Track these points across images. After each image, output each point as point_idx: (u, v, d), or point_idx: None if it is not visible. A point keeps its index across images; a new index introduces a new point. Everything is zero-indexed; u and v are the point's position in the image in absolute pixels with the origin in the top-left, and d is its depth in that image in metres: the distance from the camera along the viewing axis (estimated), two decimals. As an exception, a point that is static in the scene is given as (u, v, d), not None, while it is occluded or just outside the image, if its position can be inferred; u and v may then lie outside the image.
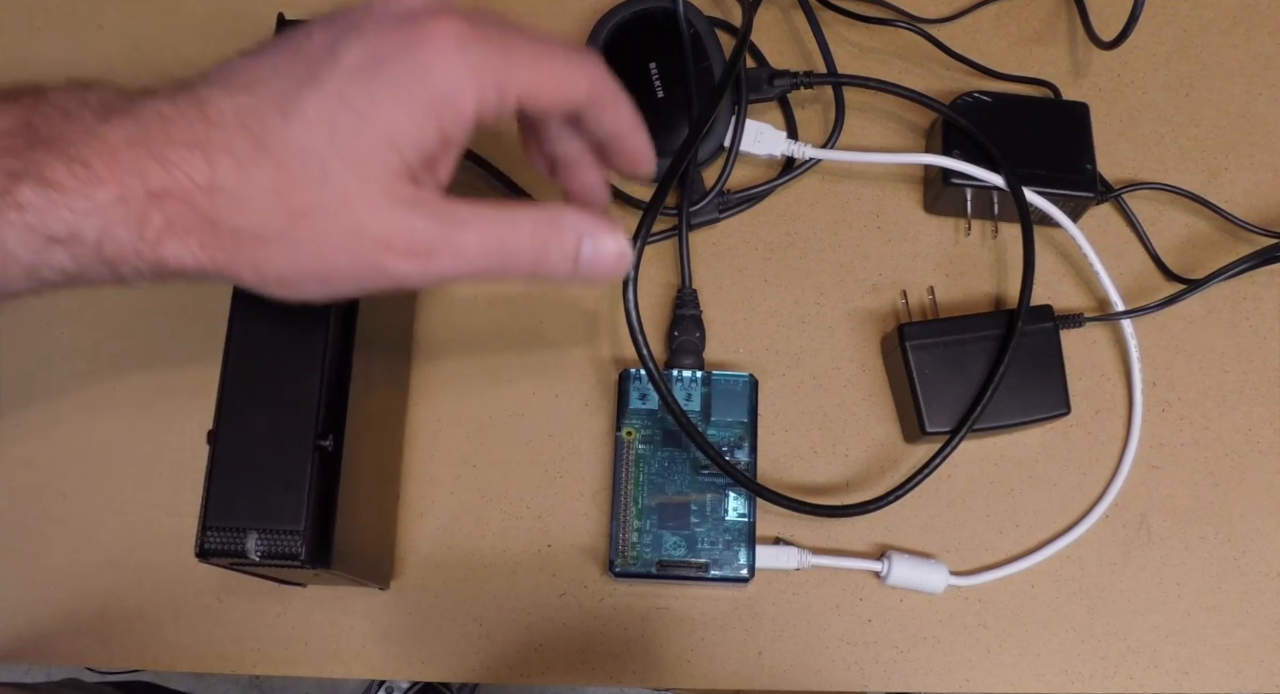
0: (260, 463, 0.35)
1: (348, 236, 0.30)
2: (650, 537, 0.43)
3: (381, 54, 0.30)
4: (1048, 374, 0.45)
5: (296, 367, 0.34)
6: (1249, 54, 0.54)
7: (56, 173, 0.28)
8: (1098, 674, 0.44)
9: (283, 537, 0.35)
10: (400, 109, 0.30)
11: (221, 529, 0.35)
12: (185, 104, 0.29)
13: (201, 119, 0.29)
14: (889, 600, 0.45)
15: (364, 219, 0.30)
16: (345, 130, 0.29)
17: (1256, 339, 0.49)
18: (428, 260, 0.31)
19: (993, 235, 0.50)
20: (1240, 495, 0.47)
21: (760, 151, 0.49)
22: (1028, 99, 0.51)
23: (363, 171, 0.30)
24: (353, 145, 0.29)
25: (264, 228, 0.30)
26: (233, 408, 0.36)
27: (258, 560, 0.35)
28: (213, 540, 0.35)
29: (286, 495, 0.35)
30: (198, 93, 0.30)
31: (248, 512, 0.35)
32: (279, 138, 0.29)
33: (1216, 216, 0.50)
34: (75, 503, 0.45)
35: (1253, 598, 0.45)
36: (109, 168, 0.28)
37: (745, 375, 0.45)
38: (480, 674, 0.44)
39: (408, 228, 0.30)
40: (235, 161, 0.29)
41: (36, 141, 0.28)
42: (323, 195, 0.29)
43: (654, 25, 0.50)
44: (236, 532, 0.35)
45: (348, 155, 0.29)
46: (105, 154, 0.28)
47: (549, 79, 0.32)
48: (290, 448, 0.36)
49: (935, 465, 0.43)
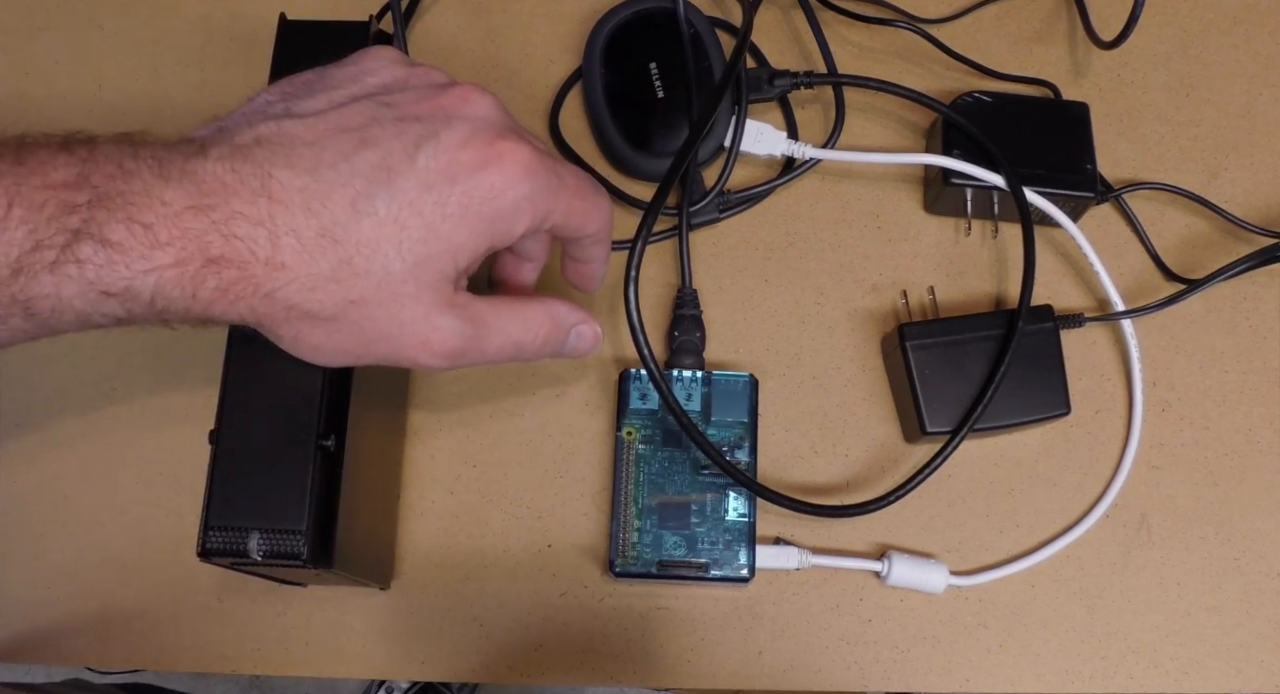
0: (262, 463, 0.35)
1: (393, 329, 0.32)
2: (650, 537, 0.43)
3: (457, 169, 0.32)
4: (1048, 374, 0.45)
5: (298, 366, 0.34)
6: (1249, 54, 0.54)
7: (117, 232, 0.28)
8: (1098, 674, 0.44)
9: (285, 537, 0.35)
10: (466, 225, 0.32)
11: (224, 529, 0.35)
12: (247, 174, 0.30)
13: (265, 194, 0.30)
14: (889, 600, 0.45)
15: (413, 317, 0.32)
16: (413, 235, 0.31)
17: (1256, 339, 0.49)
18: (455, 360, 0.34)
19: (993, 235, 0.50)
20: (1240, 495, 0.47)
21: (760, 151, 0.50)
22: (1028, 99, 0.51)
23: (420, 275, 0.32)
24: (417, 250, 0.31)
25: (317, 309, 0.31)
26: (234, 408, 0.36)
27: (259, 560, 0.35)
28: (215, 540, 0.35)
29: (288, 495, 0.35)
30: (259, 161, 0.30)
31: (250, 512, 0.35)
32: (347, 231, 0.31)
33: (1216, 216, 0.50)
34: (75, 503, 0.45)
35: (1253, 598, 0.45)
36: (169, 232, 0.29)
37: (745, 375, 0.45)
38: (480, 674, 0.44)
39: (446, 331, 0.33)
40: (299, 244, 0.30)
41: (97, 199, 0.28)
42: (380, 290, 0.31)
43: (654, 25, 0.50)
44: (239, 531, 0.35)
45: (411, 258, 0.31)
46: (167, 218, 0.29)
47: (579, 216, 0.36)
48: (292, 448, 0.36)
49: (935, 466, 0.43)
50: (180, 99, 0.52)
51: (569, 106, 0.52)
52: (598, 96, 0.50)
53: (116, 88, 0.52)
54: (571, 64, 0.52)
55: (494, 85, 0.52)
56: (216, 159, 0.30)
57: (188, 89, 0.52)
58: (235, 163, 0.30)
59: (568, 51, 0.53)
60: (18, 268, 0.28)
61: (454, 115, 0.33)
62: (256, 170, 0.30)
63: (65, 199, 0.28)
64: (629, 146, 0.49)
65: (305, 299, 0.31)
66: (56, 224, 0.28)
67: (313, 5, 0.52)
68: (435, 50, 0.53)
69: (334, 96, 0.33)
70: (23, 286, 0.28)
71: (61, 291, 0.29)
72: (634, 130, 0.49)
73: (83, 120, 0.51)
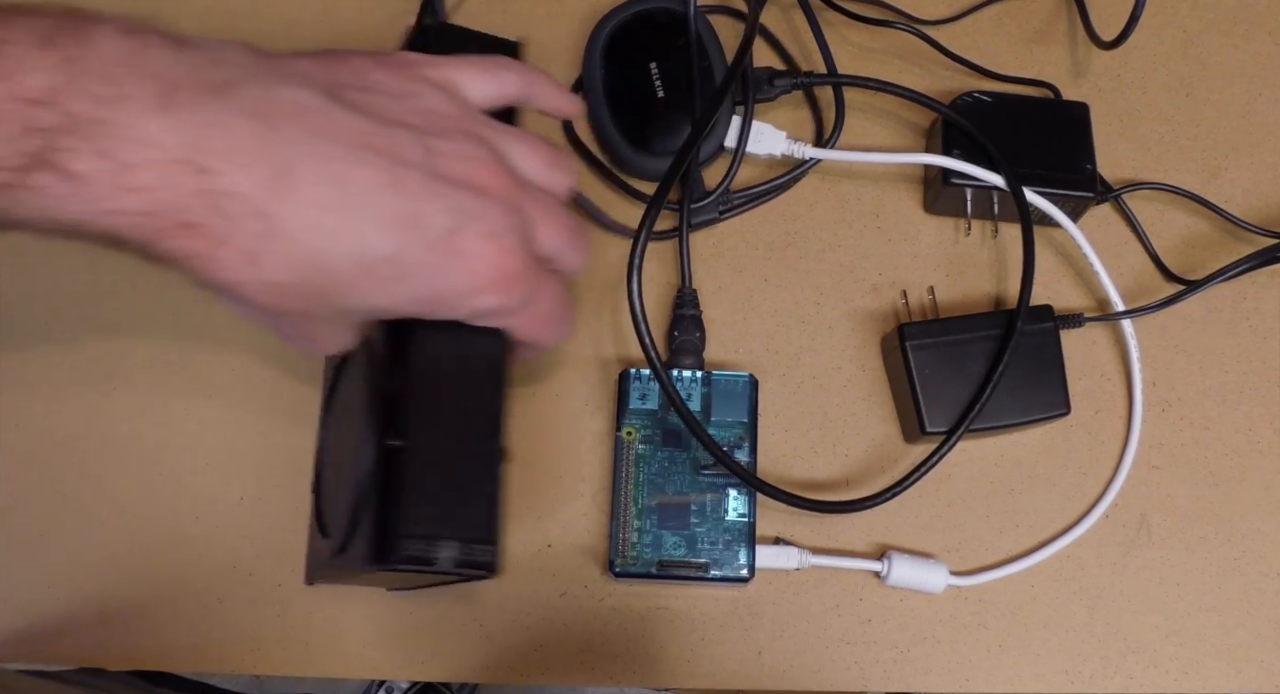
0: (449, 471, 0.34)
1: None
2: (650, 537, 0.43)
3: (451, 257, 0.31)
4: (1048, 374, 0.45)
5: (476, 372, 0.34)
6: (1249, 54, 0.54)
7: (84, 164, 0.25)
8: (1098, 674, 0.44)
9: (476, 547, 0.34)
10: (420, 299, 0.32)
11: (417, 537, 0.33)
12: (273, 150, 0.27)
13: (275, 184, 0.27)
14: (889, 600, 0.45)
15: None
16: (382, 278, 0.30)
17: (1256, 339, 0.49)
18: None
19: (993, 235, 0.50)
20: (1240, 495, 0.47)
21: (760, 151, 0.49)
22: (1028, 99, 0.51)
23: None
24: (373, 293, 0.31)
25: (258, 309, 0.30)
26: (419, 414, 0.34)
27: (448, 570, 0.33)
28: (409, 548, 0.33)
29: (477, 504, 0.34)
30: (287, 139, 0.28)
31: (441, 521, 0.33)
32: (332, 266, 0.29)
33: (1216, 216, 0.50)
34: (75, 503, 0.45)
35: (1253, 598, 0.45)
36: (148, 178, 0.26)
37: (745, 375, 0.45)
38: (480, 674, 0.44)
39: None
40: (285, 258, 0.28)
41: (71, 123, 0.25)
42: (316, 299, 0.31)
43: (654, 25, 0.50)
44: (430, 541, 0.33)
45: (353, 294, 0.31)
46: (152, 164, 0.26)
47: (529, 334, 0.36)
48: (476, 455, 0.35)
49: (933, 463, 0.43)
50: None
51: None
52: (598, 96, 0.50)
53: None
54: (571, 64, 0.52)
55: (494, 85, 0.52)
56: (244, 114, 0.27)
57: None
58: (263, 128, 0.27)
59: (567, 51, 0.53)
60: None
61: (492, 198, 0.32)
62: (281, 152, 0.27)
63: (32, 118, 0.24)
64: (629, 146, 0.49)
65: (253, 295, 0.29)
66: (16, 145, 0.24)
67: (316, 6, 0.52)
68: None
69: (379, 106, 0.31)
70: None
71: (14, 213, 0.26)
72: (634, 130, 0.49)
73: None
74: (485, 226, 0.31)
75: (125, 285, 0.48)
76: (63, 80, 0.25)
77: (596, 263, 0.49)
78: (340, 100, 0.30)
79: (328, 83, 0.30)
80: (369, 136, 0.30)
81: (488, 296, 0.32)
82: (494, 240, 0.31)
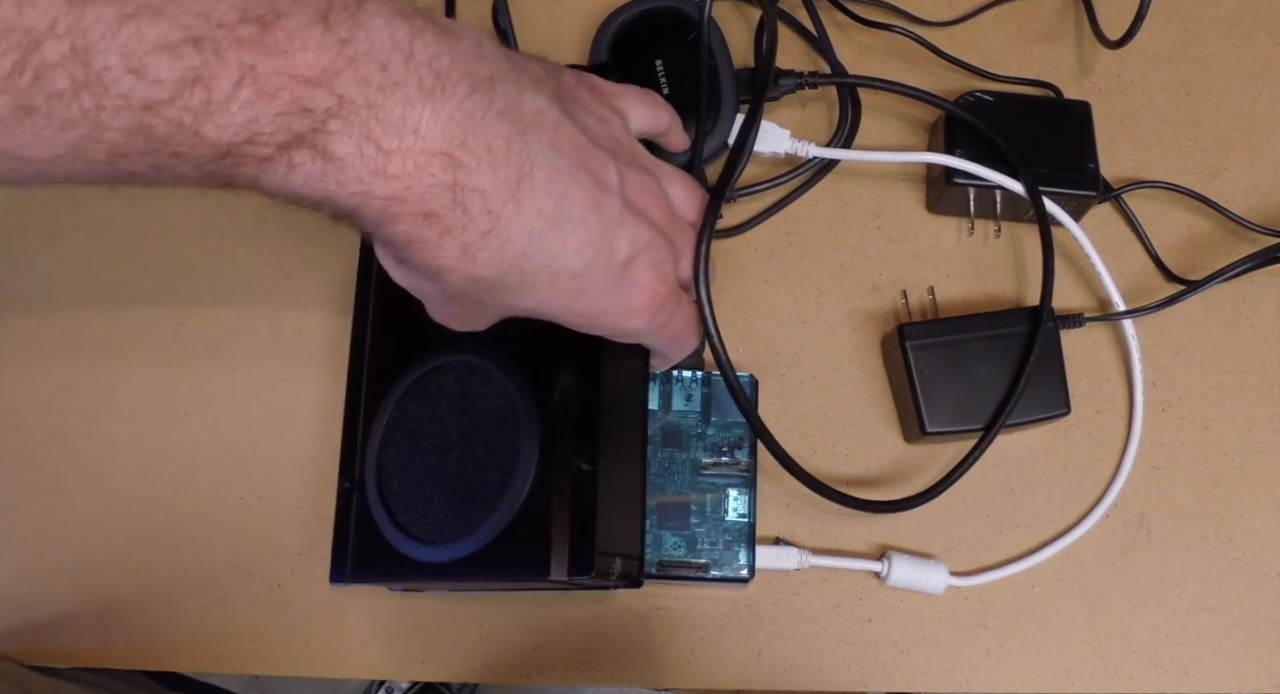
0: (617, 492, 0.38)
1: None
2: (650, 537, 0.43)
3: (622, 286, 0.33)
4: (1048, 374, 0.45)
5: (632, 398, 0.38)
6: (1249, 54, 0.54)
7: (346, 147, 0.25)
8: (1098, 674, 0.44)
9: (631, 562, 0.38)
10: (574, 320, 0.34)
11: (605, 554, 0.36)
12: (516, 155, 0.28)
13: (514, 189, 0.28)
14: (889, 600, 0.45)
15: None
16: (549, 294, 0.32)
17: (1256, 339, 0.49)
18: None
19: (995, 235, 0.50)
20: (1240, 495, 0.47)
21: (764, 149, 0.49)
22: (1030, 98, 0.51)
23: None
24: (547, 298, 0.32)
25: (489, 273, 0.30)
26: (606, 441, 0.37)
27: (607, 582, 0.37)
28: (600, 564, 0.36)
29: (633, 524, 0.39)
30: (530, 148, 0.29)
31: (613, 539, 0.37)
32: (529, 282, 0.31)
33: (1217, 216, 0.50)
34: (75, 503, 0.45)
35: (1253, 598, 0.45)
36: (405, 167, 0.26)
37: (746, 376, 0.45)
38: (480, 674, 0.44)
39: None
40: (498, 256, 0.29)
41: (339, 107, 0.25)
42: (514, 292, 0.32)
43: (660, 24, 0.50)
44: (609, 557, 0.36)
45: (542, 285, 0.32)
46: (412, 153, 0.26)
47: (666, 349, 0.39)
48: (634, 478, 0.39)
49: (975, 459, 0.44)
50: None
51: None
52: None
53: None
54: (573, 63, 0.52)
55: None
56: (500, 114, 0.28)
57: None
58: (514, 131, 0.28)
59: (569, 52, 0.53)
60: (226, 151, 0.25)
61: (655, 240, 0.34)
62: (525, 157, 0.28)
63: (302, 97, 0.24)
64: None
65: (453, 282, 0.30)
66: (282, 122, 0.24)
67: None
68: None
69: (590, 127, 0.33)
70: (227, 167, 0.25)
71: (261, 181, 0.26)
72: None
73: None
74: (652, 257, 0.34)
75: (126, 285, 0.48)
76: (338, 62, 0.25)
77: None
78: (568, 114, 0.31)
79: (556, 93, 0.32)
80: (586, 155, 0.31)
81: (640, 319, 0.35)
82: (655, 269, 0.34)
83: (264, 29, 0.24)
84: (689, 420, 0.44)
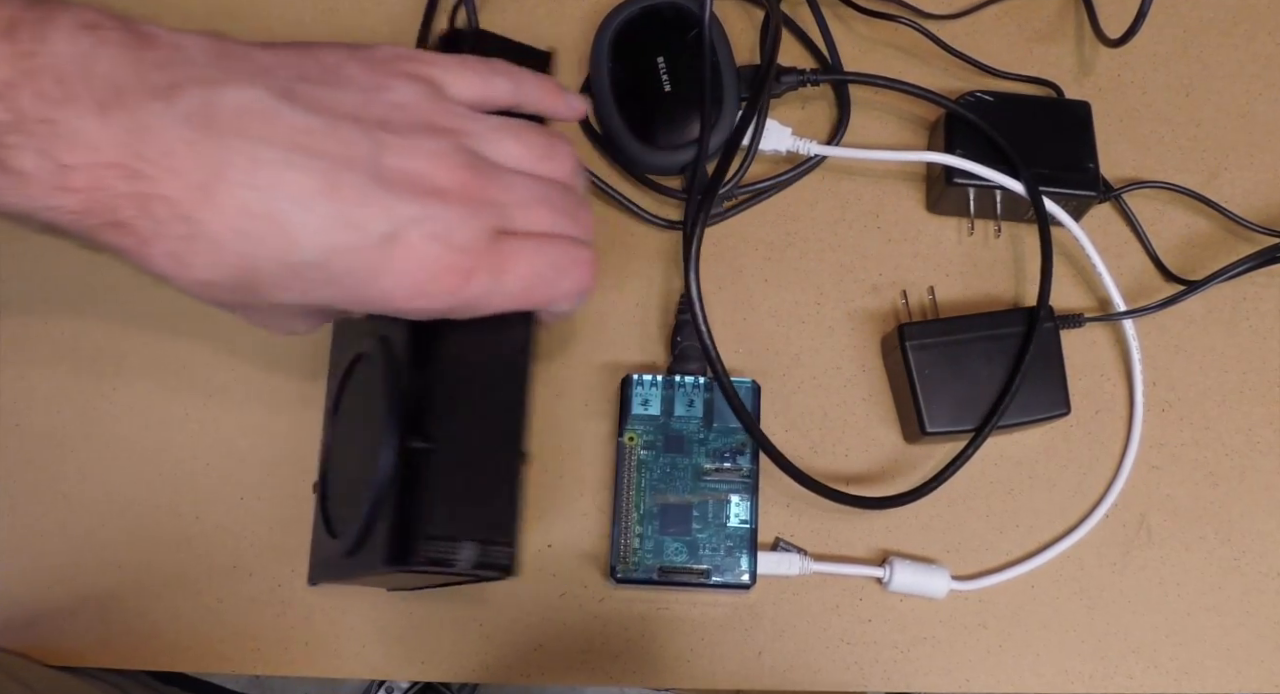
0: (470, 472, 0.35)
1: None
2: (652, 542, 0.43)
3: (386, 274, 0.31)
4: (1048, 374, 0.45)
5: (499, 374, 0.35)
6: (1249, 54, 0.54)
7: (26, 162, 0.26)
8: (1098, 674, 0.44)
9: (493, 548, 0.34)
10: (341, 299, 0.32)
11: (438, 539, 0.33)
12: (205, 156, 0.28)
13: (204, 187, 0.28)
14: (889, 600, 0.45)
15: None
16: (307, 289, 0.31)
17: (1256, 339, 0.49)
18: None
19: (995, 235, 0.50)
20: (1240, 495, 0.47)
21: (765, 147, 0.49)
22: (1030, 98, 0.51)
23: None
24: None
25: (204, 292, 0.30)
26: (444, 417, 0.35)
27: (465, 572, 0.34)
28: (429, 549, 0.33)
29: (497, 506, 0.35)
30: (223, 144, 0.28)
31: (461, 522, 0.34)
32: (259, 280, 0.30)
33: (1217, 216, 0.50)
34: (75, 503, 0.45)
35: (1253, 598, 0.45)
36: (84, 180, 0.26)
37: (748, 381, 0.45)
38: (480, 674, 0.44)
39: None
40: (211, 258, 0.29)
41: (17, 120, 0.25)
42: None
43: (661, 20, 0.50)
44: (450, 542, 0.34)
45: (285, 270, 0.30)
46: (88, 166, 0.26)
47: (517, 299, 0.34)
48: (497, 457, 0.35)
49: (968, 457, 0.44)
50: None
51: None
52: (605, 91, 0.50)
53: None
54: (572, 63, 0.52)
55: (494, 85, 0.52)
56: (183, 119, 0.27)
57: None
58: (198, 134, 0.27)
59: (569, 51, 0.53)
60: None
61: (437, 212, 0.31)
62: (214, 158, 0.27)
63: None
64: (636, 141, 0.49)
65: (186, 288, 0.30)
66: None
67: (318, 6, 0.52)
68: (435, 50, 0.53)
69: (338, 102, 0.31)
70: None
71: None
72: (641, 124, 0.49)
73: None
74: (430, 228, 0.31)
75: (126, 285, 0.48)
76: (17, 76, 0.25)
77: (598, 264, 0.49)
78: (293, 98, 0.30)
79: (287, 78, 0.30)
80: (312, 137, 0.29)
81: (434, 298, 0.32)
82: (439, 239, 0.31)
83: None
84: (691, 426, 0.44)
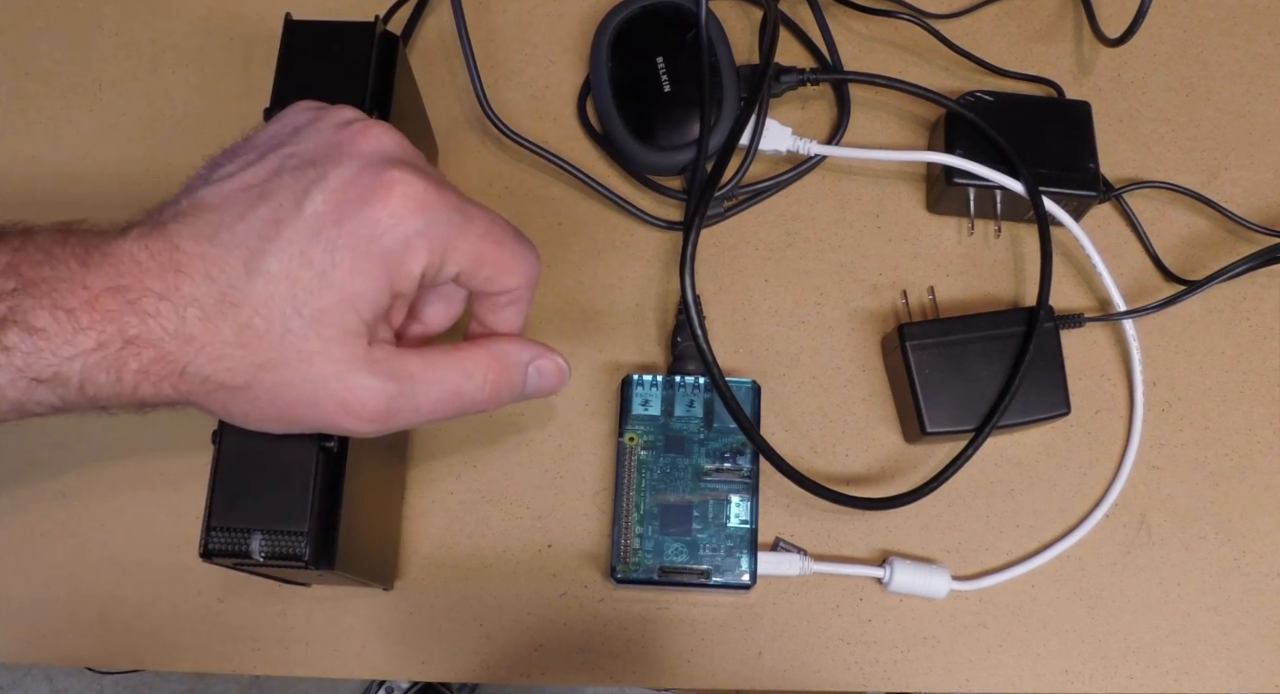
0: (265, 464, 0.35)
1: (308, 391, 0.31)
2: (652, 543, 0.43)
3: (343, 209, 0.30)
4: (1048, 374, 0.45)
5: None
6: (1249, 54, 0.54)
7: (41, 318, 0.28)
8: (1098, 674, 0.44)
9: (287, 538, 0.35)
10: (359, 271, 0.30)
11: (226, 530, 0.35)
12: (159, 248, 0.30)
13: (172, 267, 0.30)
14: (889, 600, 0.45)
15: (324, 376, 0.31)
16: (305, 287, 0.30)
17: (1256, 339, 0.49)
18: (385, 421, 0.32)
19: (995, 235, 0.50)
20: (1240, 495, 0.47)
21: (765, 147, 0.49)
22: (1030, 98, 0.51)
23: (321, 330, 0.30)
24: (312, 303, 0.30)
25: (229, 378, 0.30)
26: None
27: (261, 561, 0.35)
28: (217, 541, 0.35)
29: (291, 496, 0.35)
30: (170, 235, 0.30)
31: (252, 512, 0.35)
32: (243, 293, 0.30)
33: (1217, 216, 0.50)
34: (75, 503, 0.45)
35: (1253, 598, 0.45)
36: (90, 316, 0.29)
37: (748, 381, 0.45)
38: (480, 674, 0.44)
39: (365, 391, 0.31)
40: (202, 313, 0.29)
41: (22, 286, 0.29)
42: (283, 351, 0.30)
43: (660, 20, 0.50)
44: (241, 532, 0.35)
45: (307, 312, 0.30)
46: (88, 303, 0.29)
47: (491, 263, 0.33)
48: (295, 449, 0.36)
49: (968, 456, 0.44)
50: (180, 99, 0.52)
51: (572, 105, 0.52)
52: (605, 91, 0.50)
53: (116, 88, 0.52)
54: (571, 63, 0.52)
55: (495, 85, 0.52)
56: (135, 238, 0.30)
57: (187, 89, 0.52)
58: (149, 239, 0.30)
59: (568, 51, 0.53)
60: None
61: (345, 153, 0.31)
62: (166, 245, 0.30)
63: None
64: (635, 141, 0.49)
65: (216, 370, 0.30)
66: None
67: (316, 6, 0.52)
68: (436, 51, 0.53)
69: (249, 157, 0.32)
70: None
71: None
72: (640, 125, 0.49)
73: (82, 120, 0.51)
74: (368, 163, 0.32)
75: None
76: (14, 258, 0.29)
77: (597, 265, 0.49)
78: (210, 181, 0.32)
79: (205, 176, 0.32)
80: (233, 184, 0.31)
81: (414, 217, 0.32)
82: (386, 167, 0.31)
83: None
84: (691, 426, 0.44)
